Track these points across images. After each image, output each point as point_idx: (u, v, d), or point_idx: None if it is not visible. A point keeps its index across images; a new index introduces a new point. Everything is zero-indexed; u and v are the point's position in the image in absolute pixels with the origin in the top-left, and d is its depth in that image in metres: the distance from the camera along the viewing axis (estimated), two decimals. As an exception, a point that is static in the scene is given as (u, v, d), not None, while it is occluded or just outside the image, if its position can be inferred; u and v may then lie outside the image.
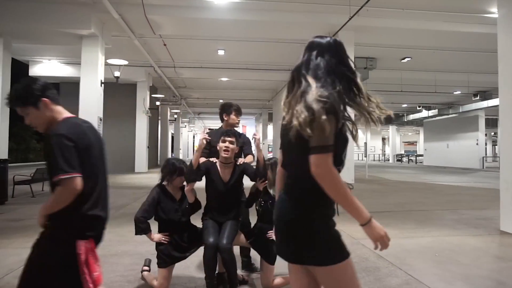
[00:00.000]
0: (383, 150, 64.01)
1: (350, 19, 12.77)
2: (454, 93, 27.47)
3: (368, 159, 20.97)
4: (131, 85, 22.20)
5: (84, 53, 13.30)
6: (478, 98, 27.71)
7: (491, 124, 39.26)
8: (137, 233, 3.68)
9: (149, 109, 22.77)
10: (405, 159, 51.23)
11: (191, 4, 13.06)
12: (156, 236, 3.71)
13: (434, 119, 37.40)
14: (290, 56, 19.46)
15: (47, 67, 20.20)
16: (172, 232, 3.75)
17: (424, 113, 36.87)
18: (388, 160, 52.56)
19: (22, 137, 42.57)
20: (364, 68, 18.69)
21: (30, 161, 39.46)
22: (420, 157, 46.27)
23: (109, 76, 14.65)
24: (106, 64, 14.26)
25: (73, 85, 17.20)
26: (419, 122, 43.04)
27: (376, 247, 1.78)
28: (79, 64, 13.70)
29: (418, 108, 36.90)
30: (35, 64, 20.06)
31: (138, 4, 12.22)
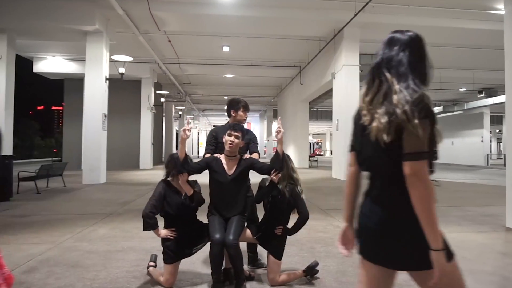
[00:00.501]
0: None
1: (355, 15, 12.74)
2: (459, 90, 27.29)
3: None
4: (136, 81, 22.23)
5: (88, 49, 13.33)
6: (483, 95, 27.55)
7: (496, 121, 39.07)
8: (145, 229, 3.68)
9: (154, 105, 22.81)
10: (409, 156, 50.93)
11: (196, 0, 13.05)
12: (163, 231, 3.71)
13: (438, 116, 36.90)
14: (295, 53, 19.48)
15: (51, 63, 20.27)
16: (178, 227, 3.75)
17: (429, 110, 36.57)
18: (393, 157, 52.20)
19: (27, 133, 42.79)
20: (369, 65, 18.53)
21: (35, 158, 39.62)
22: (425, 154, 45.96)
23: (114, 72, 14.66)
24: (111, 61, 14.28)
25: (77, 81, 17.32)
26: (424, 119, 42.78)
27: (435, 279, 1.65)
28: (84, 60, 13.74)
29: (423, 105, 36.61)
30: (39, 60, 20.12)
31: (143, 0, 12.24)
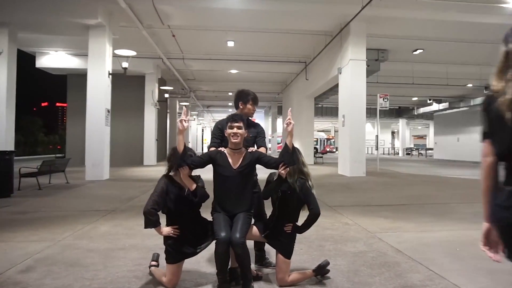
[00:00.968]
0: (392, 144, 63.63)
1: (362, 8, 12.54)
2: (466, 86, 27.02)
3: (377, 152, 20.64)
4: (140, 77, 22.10)
5: (91, 43, 13.16)
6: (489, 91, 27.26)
7: (501, 117, 38.73)
8: (146, 227, 3.46)
9: (158, 101, 22.62)
10: (415, 153, 50.86)
11: (200, -7, 12.88)
12: (165, 229, 3.50)
13: (444, 112, 37.04)
14: (301, 48, 19.28)
15: (54, 58, 20.12)
16: (182, 225, 3.53)
17: (435, 106, 36.52)
18: (398, 153, 52.36)
19: (30, 130, 42.74)
20: (375, 60, 18.40)
21: (38, 154, 39.61)
22: (430, 151, 45.99)
23: (117, 67, 14.52)
24: (114, 56, 14.10)
25: (80, 77, 17.11)
26: (429, 116, 42.81)
27: None
28: (87, 55, 13.56)
29: (428, 102, 36.53)
30: (42, 55, 19.99)
31: (146, -7, 12.07)
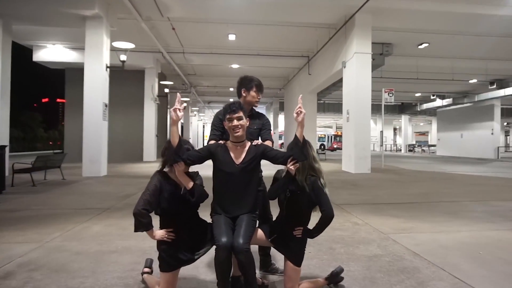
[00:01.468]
0: (394, 140, 63.47)
1: (368, 0, 12.12)
2: (470, 81, 26.67)
3: (381, 148, 20.29)
4: (139, 71, 21.76)
5: (88, 35, 12.76)
6: (494, 86, 26.98)
7: (505, 114, 38.50)
8: (137, 230, 2.98)
9: (158, 96, 22.23)
10: (417, 149, 50.58)
11: (200, -17, 12.49)
12: (158, 233, 3.04)
13: (448, 108, 36.75)
14: (304, 42, 18.90)
15: (51, 52, 19.70)
16: (177, 228, 3.08)
17: (438, 102, 36.20)
18: (400, 150, 52.10)
19: (30, 126, 42.37)
20: (380, 54, 18.04)
21: (38, 150, 39.24)
22: (432, 147, 45.76)
23: (116, 62, 14.15)
24: (112, 49, 13.71)
25: (78, 71, 16.68)
26: (432, 112, 42.59)
27: None
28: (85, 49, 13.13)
29: (432, 97, 36.22)
30: (39, 49, 19.58)
31: (145, -17, 11.67)
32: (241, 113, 3.18)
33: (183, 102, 3.22)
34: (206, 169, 3.36)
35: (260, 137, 3.74)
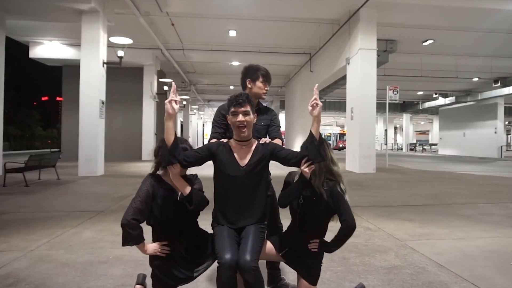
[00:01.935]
0: (395, 139, 63.27)
1: (374, -8, 11.76)
2: (473, 79, 26.30)
3: (382, 147, 19.93)
4: (138, 69, 21.38)
5: (84, 30, 12.37)
6: (498, 84, 26.63)
7: (507, 113, 38.18)
8: (125, 243, 2.52)
9: (157, 94, 21.82)
10: (419, 148, 50.31)
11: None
12: (151, 246, 2.58)
13: (450, 107, 36.44)
14: (306, 38, 18.51)
15: (48, 48, 19.31)
16: (173, 241, 2.62)
17: (441, 101, 35.85)
18: (401, 149, 51.82)
19: (28, 124, 41.97)
20: (384, 51, 17.66)
21: (36, 149, 38.84)
22: (433, 146, 45.55)
23: (114, 59, 13.75)
24: (110, 46, 13.32)
25: (76, 68, 16.31)
26: (433, 111, 42.29)
27: None
28: (83, 45, 12.76)
29: (434, 96, 35.87)
30: (35, 45, 19.17)
31: (142, -25, 11.28)
32: (248, 108, 2.69)
33: (177, 95, 2.74)
34: (206, 169, 2.92)
35: (268, 135, 3.32)
